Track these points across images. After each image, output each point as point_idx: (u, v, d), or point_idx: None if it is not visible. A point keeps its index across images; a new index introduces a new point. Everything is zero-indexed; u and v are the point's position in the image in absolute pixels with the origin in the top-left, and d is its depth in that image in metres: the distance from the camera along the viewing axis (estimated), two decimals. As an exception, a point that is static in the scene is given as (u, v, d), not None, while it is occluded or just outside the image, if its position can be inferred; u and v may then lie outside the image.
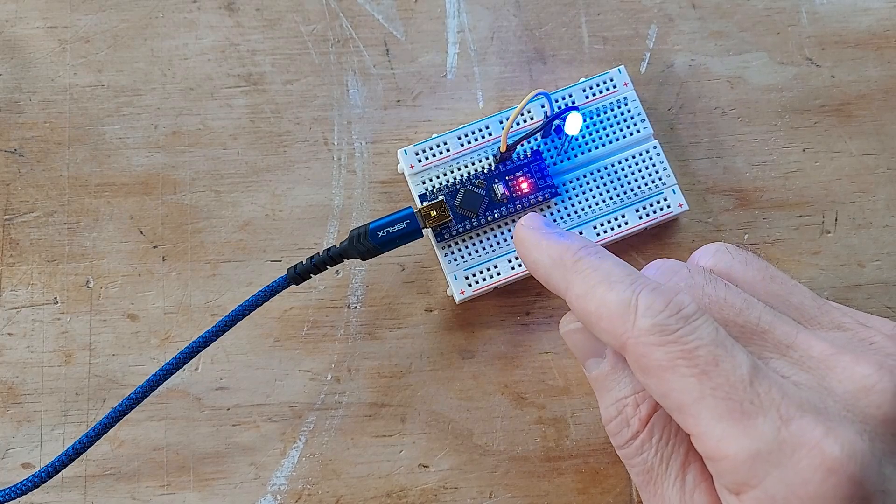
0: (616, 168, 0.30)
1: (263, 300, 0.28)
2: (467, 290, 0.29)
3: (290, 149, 0.31)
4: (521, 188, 0.29)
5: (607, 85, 0.31)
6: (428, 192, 0.29)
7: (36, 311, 0.29)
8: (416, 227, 0.28)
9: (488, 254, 0.29)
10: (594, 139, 0.30)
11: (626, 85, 0.31)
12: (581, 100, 0.30)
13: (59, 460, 0.26)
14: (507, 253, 0.29)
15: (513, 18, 0.33)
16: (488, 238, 0.29)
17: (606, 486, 0.28)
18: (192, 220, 0.30)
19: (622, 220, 0.30)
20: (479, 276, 0.29)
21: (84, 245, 0.30)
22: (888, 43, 0.33)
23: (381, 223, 0.28)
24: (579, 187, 0.30)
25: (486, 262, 0.29)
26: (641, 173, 0.30)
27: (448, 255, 0.29)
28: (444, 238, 0.29)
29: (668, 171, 0.30)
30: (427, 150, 0.30)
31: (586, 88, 0.31)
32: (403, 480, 0.28)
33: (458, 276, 0.29)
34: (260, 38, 0.32)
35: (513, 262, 0.29)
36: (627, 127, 0.30)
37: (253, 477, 0.28)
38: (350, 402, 0.29)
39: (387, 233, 0.27)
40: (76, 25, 0.32)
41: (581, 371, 0.29)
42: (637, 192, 0.30)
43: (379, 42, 0.32)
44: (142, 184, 0.31)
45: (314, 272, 0.28)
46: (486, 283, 0.29)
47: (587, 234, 0.29)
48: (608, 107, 0.30)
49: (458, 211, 0.29)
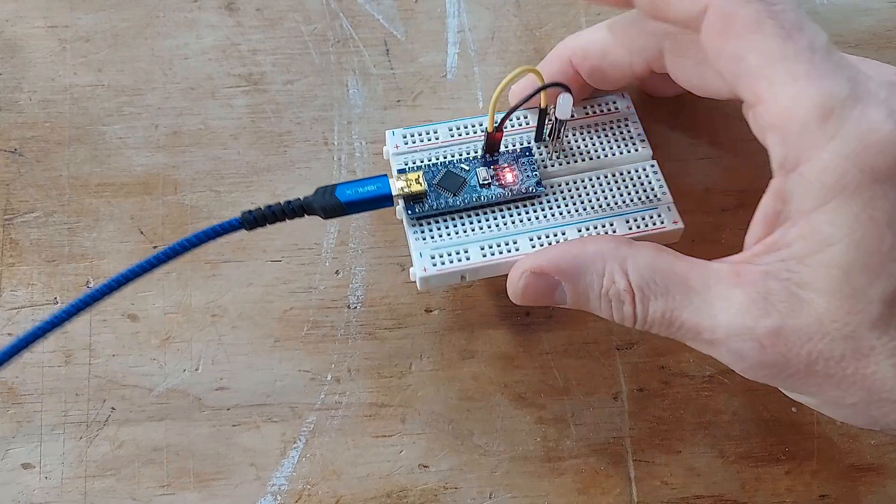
0: (610, 180, 0.29)
1: (210, 237, 0.26)
2: (430, 269, 0.27)
3: (290, 149, 0.31)
4: (505, 178, 0.28)
5: (609, 106, 0.30)
6: (408, 167, 0.28)
7: (36, 311, 0.29)
8: (387, 192, 0.26)
9: (461, 238, 0.27)
10: (589, 149, 0.29)
11: (629, 108, 0.30)
12: (581, 114, 0.30)
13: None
14: (481, 240, 0.27)
15: (513, 18, 0.33)
16: (463, 224, 0.28)
17: (606, 487, 0.28)
18: (193, 220, 0.30)
19: (609, 227, 0.28)
20: (446, 257, 0.27)
21: (84, 245, 0.30)
22: (888, 43, 0.33)
23: (352, 183, 0.26)
24: (568, 191, 0.28)
25: (456, 245, 0.27)
26: (636, 188, 0.29)
27: (417, 233, 0.27)
28: (416, 213, 0.27)
29: (665, 189, 0.29)
30: (416, 134, 0.29)
31: (587, 106, 0.30)
32: (403, 481, 0.28)
33: (423, 253, 0.27)
34: (260, 38, 0.32)
35: (485, 250, 0.27)
36: (626, 145, 0.29)
37: (253, 477, 0.28)
38: (350, 403, 0.29)
39: (355, 192, 0.26)
40: (76, 25, 0.32)
41: (581, 371, 0.29)
42: (630, 204, 0.28)
43: (379, 42, 0.32)
44: (142, 184, 0.31)
45: (270, 220, 0.26)
46: (452, 265, 0.27)
47: (570, 237, 0.28)
48: (608, 124, 0.30)
49: (435, 188, 0.28)
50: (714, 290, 0.23)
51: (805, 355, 0.21)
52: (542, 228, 0.28)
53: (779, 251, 0.22)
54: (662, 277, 0.23)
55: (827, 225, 0.21)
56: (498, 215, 0.28)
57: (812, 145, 0.21)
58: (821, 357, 0.21)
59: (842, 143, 0.20)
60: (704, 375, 0.29)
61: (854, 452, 0.28)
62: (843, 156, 0.20)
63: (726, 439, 0.29)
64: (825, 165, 0.20)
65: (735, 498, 0.28)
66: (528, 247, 0.27)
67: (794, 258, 0.21)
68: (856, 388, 0.21)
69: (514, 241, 0.27)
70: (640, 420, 0.29)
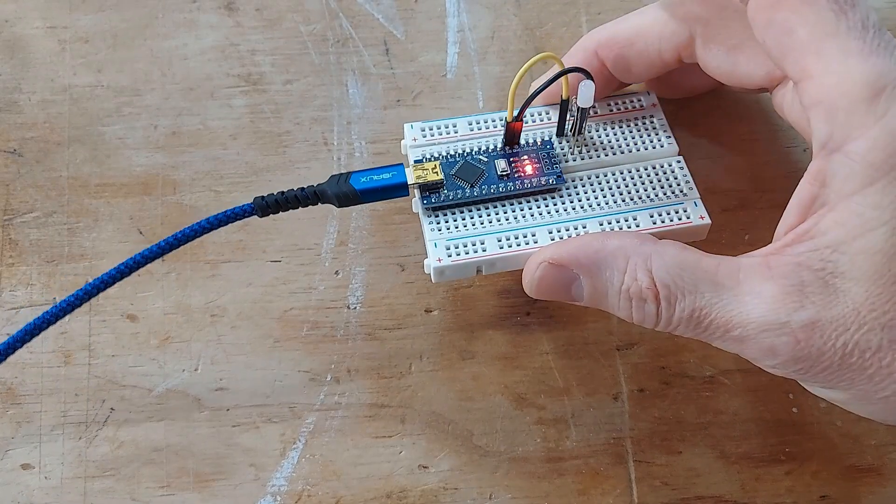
0: (634, 175, 0.28)
1: (222, 222, 0.26)
2: (445, 259, 0.26)
3: (289, 149, 0.31)
4: (525, 170, 0.27)
5: (634, 103, 0.30)
6: (425, 158, 0.28)
7: (35, 311, 0.29)
8: (402, 181, 0.26)
9: (477, 230, 0.27)
10: (613, 144, 0.29)
11: (654, 105, 0.30)
12: (605, 111, 0.29)
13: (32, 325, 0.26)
14: (498, 232, 0.27)
15: (513, 18, 0.33)
16: (481, 215, 0.27)
17: (607, 487, 0.28)
18: (192, 220, 0.30)
19: (633, 221, 0.27)
20: (461, 248, 0.26)
21: (83, 245, 0.30)
22: (889, 43, 0.33)
23: (367, 171, 0.26)
24: (589, 185, 0.28)
25: (472, 236, 0.27)
26: (661, 182, 0.28)
27: (433, 223, 0.27)
28: (432, 202, 0.27)
29: (692, 184, 0.28)
30: (435, 127, 0.29)
31: (610, 103, 0.30)
32: (403, 481, 0.28)
33: (438, 244, 0.26)
34: (260, 38, 0.32)
35: (502, 242, 0.26)
36: (651, 140, 0.29)
37: (253, 478, 0.28)
38: (350, 403, 0.29)
39: (370, 180, 0.26)
40: (76, 25, 0.32)
41: (581, 371, 0.29)
42: (654, 199, 0.28)
43: (379, 42, 0.32)
44: (141, 184, 0.31)
45: (283, 206, 0.26)
46: (468, 256, 0.26)
47: (591, 230, 0.27)
48: (632, 119, 0.29)
49: (453, 178, 0.27)
50: (744, 286, 0.22)
51: (840, 347, 0.21)
52: (561, 221, 0.27)
53: (812, 240, 0.21)
54: (690, 275, 0.23)
55: (870, 208, 0.20)
56: (516, 207, 0.27)
57: (861, 123, 0.20)
58: (856, 348, 0.21)
59: (892, 122, 0.20)
60: (705, 376, 0.29)
61: (854, 453, 0.28)
62: (894, 135, 0.20)
63: (726, 440, 0.29)
64: (873, 144, 0.20)
65: (735, 498, 0.28)
66: (546, 239, 0.27)
67: (828, 246, 0.21)
68: (890, 381, 0.21)
69: (532, 233, 0.27)
70: (640, 420, 0.29)
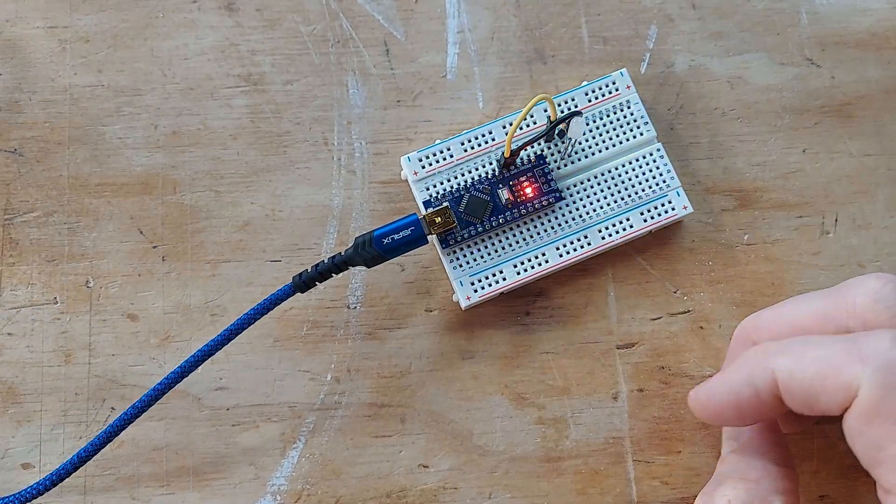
0: (620, 171, 0.30)
1: (269, 308, 0.28)
2: (473, 295, 0.29)
3: (289, 149, 0.31)
4: (526, 193, 0.29)
5: (609, 88, 0.31)
6: (432, 197, 0.29)
7: (36, 310, 0.29)
8: (420, 233, 0.28)
9: (493, 259, 0.29)
10: (597, 143, 0.30)
11: (629, 88, 0.31)
12: (583, 103, 0.30)
13: (64, 468, 0.26)
14: (513, 258, 0.29)
15: (513, 18, 0.33)
16: (493, 243, 0.29)
17: (606, 487, 0.28)
18: (192, 220, 0.30)
19: (627, 223, 0.30)
20: (484, 281, 0.29)
21: (84, 245, 0.30)
22: (888, 43, 0.33)
23: (386, 230, 0.28)
24: (583, 191, 0.30)
25: (491, 267, 0.29)
26: (645, 176, 0.30)
27: (453, 261, 0.29)
28: (448, 244, 0.29)
29: (672, 173, 0.30)
30: (430, 155, 0.30)
31: (588, 92, 0.31)
32: (403, 481, 0.28)
33: (463, 282, 0.29)
34: (260, 39, 0.32)
35: (518, 267, 0.29)
36: (630, 130, 0.30)
37: (252, 477, 0.28)
38: (350, 403, 0.29)
39: (392, 240, 0.27)
40: (76, 25, 0.32)
41: (581, 371, 0.29)
42: (641, 195, 0.30)
43: (379, 42, 0.32)
44: (142, 184, 0.31)
45: (319, 280, 0.28)
46: (491, 288, 0.29)
47: (592, 239, 0.29)
48: (610, 110, 0.30)
49: (463, 217, 0.29)
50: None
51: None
52: (565, 235, 0.29)
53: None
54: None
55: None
56: (523, 229, 0.29)
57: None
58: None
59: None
60: (704, 375, 0.29)
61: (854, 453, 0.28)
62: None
63: (726, 439, 0.29)
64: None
65: (735, 498, 0.28)
66: (556, 257, 0.29)
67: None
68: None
69: (542, 253, 0.29)
70: (640, 420, 0.29)
